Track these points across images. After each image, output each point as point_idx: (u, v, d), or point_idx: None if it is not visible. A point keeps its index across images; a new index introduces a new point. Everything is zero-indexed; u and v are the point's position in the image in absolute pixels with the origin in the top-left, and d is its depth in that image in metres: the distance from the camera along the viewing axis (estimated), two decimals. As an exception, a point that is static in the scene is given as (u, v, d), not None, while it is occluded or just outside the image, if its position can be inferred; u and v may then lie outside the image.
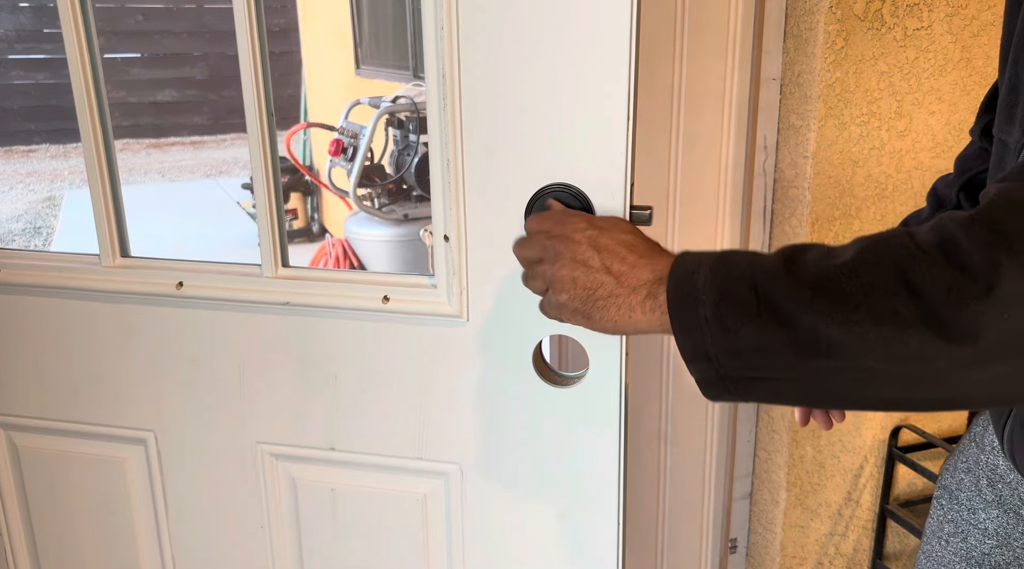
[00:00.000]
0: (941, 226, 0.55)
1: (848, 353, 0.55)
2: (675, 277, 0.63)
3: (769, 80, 1.52)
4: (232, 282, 1.00)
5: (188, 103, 8.90)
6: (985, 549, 0.88)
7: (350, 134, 3.95)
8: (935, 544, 0.95)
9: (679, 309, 0.61)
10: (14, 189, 7.27)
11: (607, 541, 0.96)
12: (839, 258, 0.57)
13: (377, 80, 4.64)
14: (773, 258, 0.60)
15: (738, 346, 0.59)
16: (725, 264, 0.61)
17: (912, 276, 0.53)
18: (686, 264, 0.63)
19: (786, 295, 0.57)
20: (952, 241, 0.53)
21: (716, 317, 0.59)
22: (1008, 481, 0.86)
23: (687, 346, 0.61)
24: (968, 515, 0.91)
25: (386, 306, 0.95)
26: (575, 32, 0.80)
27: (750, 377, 0.60)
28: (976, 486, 0.90)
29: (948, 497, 0.94)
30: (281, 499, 1.07)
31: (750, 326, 0.58)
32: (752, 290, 0.58)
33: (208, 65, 8.88)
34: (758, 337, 0.57)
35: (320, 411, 1.01)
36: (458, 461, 0.98)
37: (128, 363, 1.06)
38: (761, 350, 0.58)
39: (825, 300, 0.55)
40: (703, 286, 0.60)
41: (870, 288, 0.54)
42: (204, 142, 8.88)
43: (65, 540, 1.18)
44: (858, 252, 0.56)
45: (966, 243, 0.52)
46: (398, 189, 3.95)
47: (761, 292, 0.58)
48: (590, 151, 0.82)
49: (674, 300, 0.62)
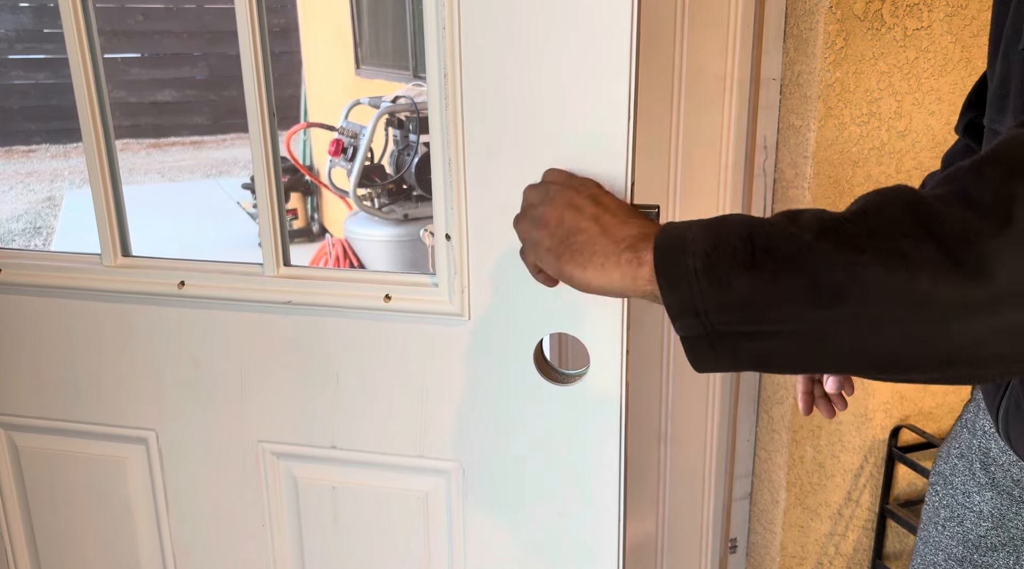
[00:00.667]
0: (949, 177, 0.53)
1: (852, 299, 0.51)
2: (665, 232, 0.59)
3: (769, 80, 1.52)
4: (234, 281, 1.00)
5: (188, 103, 8.90)
6: (981, 532, 0.89)
7: (350, 134, 3.95)
8: (931, 529, 0.96)
9: (666, 262, 0.57)
10: (14, 189, 7.27)
11: (608, 539, 0.96)
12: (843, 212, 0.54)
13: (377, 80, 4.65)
14: (773, 216, 0.57)
15: (730, 299, 0.54)
16: (719, 220, 0.58)
17: (922, 217, 0.51)
18: (678, 224, 0.60)
19: (784, 241, 0.53)
20: (961, 187, 0.51)
21: (706, 268, 0.55)
22: (1001, 463, 0.86)
23: (674, 301, 0.57)
24: (963, 499, 0.91)
25: (388, 305, 0.95)
26: (576, 32, 0.80)
27: (741, 332, 0.55)
28: (970, 470, 0.90)
29: (943, 482, 0.94)
30: (282, 498, 1.07)
31: (744, 276, 0.54)
32: (747, 239, 0.55)
33: (208, 65, 8.88)
34: (752, 288, 0.54)
35: (322, 410, 1.01)
36: (459, 459, 0.98)
37: (129, 362, 1.06)
38: (755, 302, 0.54)
39: (828, 244, 0.52)
40: (692, 238, 0.57)
41: (876, 231, 0.51)
42: (204, 142, 8.88)
43: (65, 540, 1.18)
44: (863, 203, 0.54)
45: (975, 185, 0.50)
46: (398, 189, 3.96)
47: (757, 241, 0.54)
48: (591, 150, 0.82)
49: (660, 252, 0.58)
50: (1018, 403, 0.78)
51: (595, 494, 0.95)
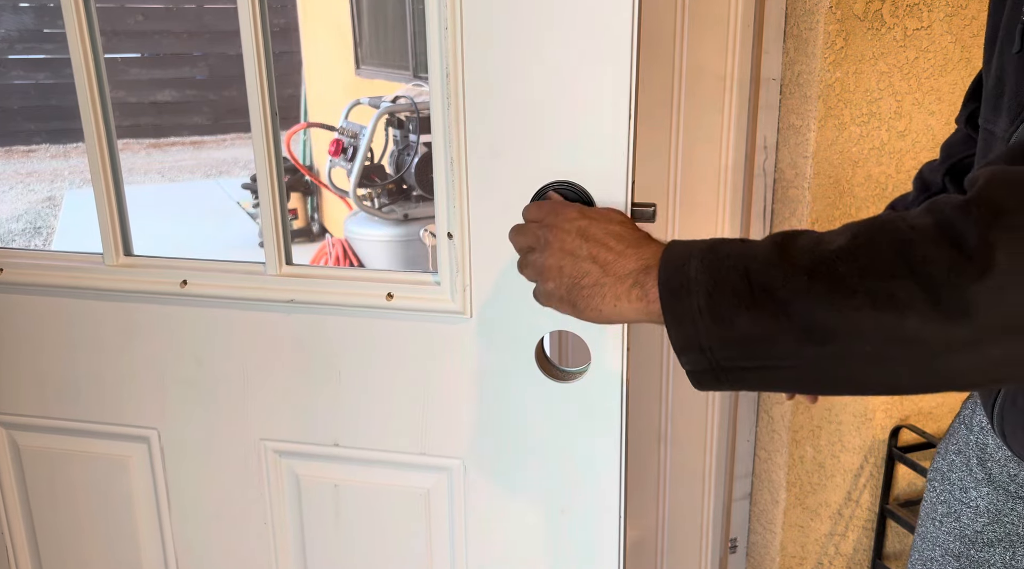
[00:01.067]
0: (935, 208, 0.55)
1: (846, 338, 0.55)
2: (666, 268, 0.62)
3: (769, 80, 1.53)
4: (236, 280, 1.00)
5: (188, 103, 8.91)
6: (977, 527, 0.89)
7: (350, 134, 3.95)
8: (929, 525, 0.96)
9: (671, 300, 0.61)
10: (14, 189, 7.27)
11: (608, 537, 0.97)
12: (833, 243, 0.56)
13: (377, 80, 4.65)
14: (765, 245, 0.59)
15: (732, 336, 0.58)
16: (716, 252, 0.61)
17: (909, 258, 0.53)
18: (676, 254, 0.63)
19: (781, 282, 0.56)
20: (947, 222, 0.53)
21: (709, 307, 0.58)
22: (997, 458, 0.87)
23: (679, 337, 0.61)
24: (960, 494, 0.92)
25: (390, 303, 0.95)
26: (577, 32, 0.80)
27: (744, 367, 0.59)
28: (967, 466, 0.91)
29: (940, 479, 0.95)
30: (284, 496, 1.07)
31: (745, 315, 0.57)
32: (745, 278, 0.58)
33: (208, 65, 8.89)
34: (753, 326, 0.57)
35: (324, 408, 1.01)
36: (461, 456, 0.99)
37: (131, 361, 1.06)
38: (756, 339, 0.57)
39: (822, 285, 0.55)
40: (695, 276, 0.60)
41: (866, 271, 0.54)
42: (204, 142, 8.88)
43: (67, 539, 1.18)
44: (852, 237, 0.56)
45: (961, 223, 0.52)
46: (398, 189, 3.96)
47: (755, 280, 0.57)
48: (592, 149, 0.83)
49: (666, 291, 0.61)
50: (1013, 400, 0.79)
51: (596, 491, 0.95)
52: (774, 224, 1.62)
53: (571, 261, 0.69)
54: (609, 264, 0.67)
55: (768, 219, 1.63)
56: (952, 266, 0.51)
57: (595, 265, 0.67)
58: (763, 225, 1.64)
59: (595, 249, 0.68)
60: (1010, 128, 0.73)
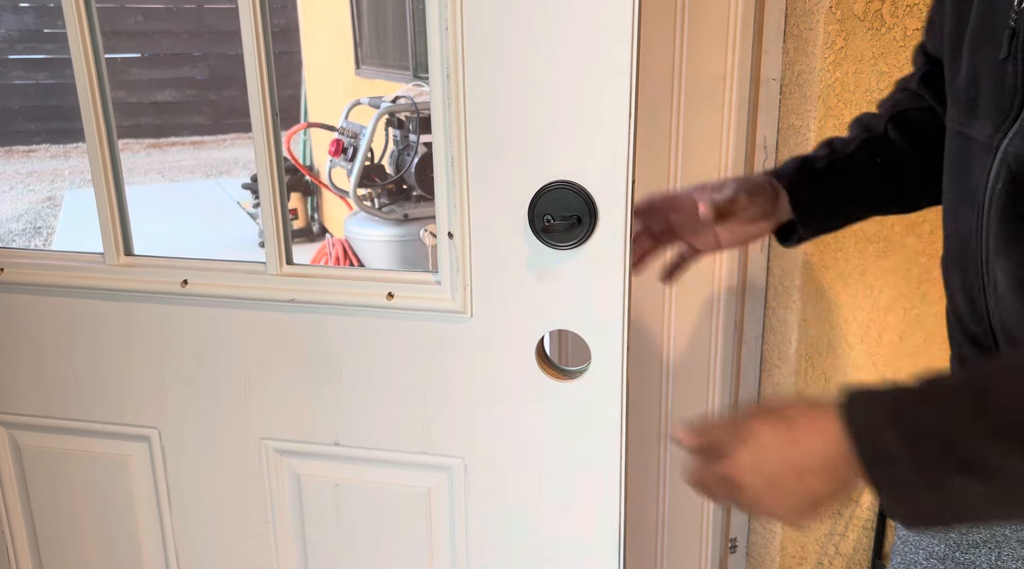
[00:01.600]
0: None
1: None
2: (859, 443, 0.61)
3: (769, 80, 1.53)
4: (237, 280, 1.00)
5: (188, 103, 8.91)
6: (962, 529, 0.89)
7: (350, 134, 3.95)
8: None
9: (874, 470, 0.60)
10: (14, 189, 7.27)
11: (608, 536, 0.97)
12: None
13: (377, 80, 4.65)
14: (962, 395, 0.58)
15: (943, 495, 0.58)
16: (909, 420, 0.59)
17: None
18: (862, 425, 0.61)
19: (990, 450, 0.56)
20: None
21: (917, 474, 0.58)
22: None
23: (889, 503, 0.60)
24: None
25: (390, 303, 0.95)
26: (577, 32, 0.80)
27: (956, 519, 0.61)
28: None
29: None
30: (285, 495, 1.07)
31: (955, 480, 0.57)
32: (950, 447, 0.57)
33: (208, 65, 8.89)
34: (964, 491, 0.57)
35: (324, 407, 1.02)
36: (462, 455, 0.99)
37: (132, 361, 1.06)
38: (967, 501, 0.58)
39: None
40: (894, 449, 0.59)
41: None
42: (204, 142, 8.88)
43: (67, 538, 1.18)
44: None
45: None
46: (398, 189, 3.96)
47: (961, 450, 0.56)
48: (592, 149, 0.83)
49: (867, 464, 0.60)
50: None
51: (596, 490, 0.95)
52: (774, 224, 1.62)
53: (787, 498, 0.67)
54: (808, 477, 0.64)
55: (768, 219, 1.63)
56: None
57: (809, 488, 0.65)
58: (763, 225, 1.64)
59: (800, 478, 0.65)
60: (996, 135, 0.72)
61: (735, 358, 1.73)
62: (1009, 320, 0.73)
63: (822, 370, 1.61)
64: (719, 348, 1.73)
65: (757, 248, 1.66)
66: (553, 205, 0.85)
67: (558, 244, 0.85)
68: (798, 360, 1.61)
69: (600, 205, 0.84)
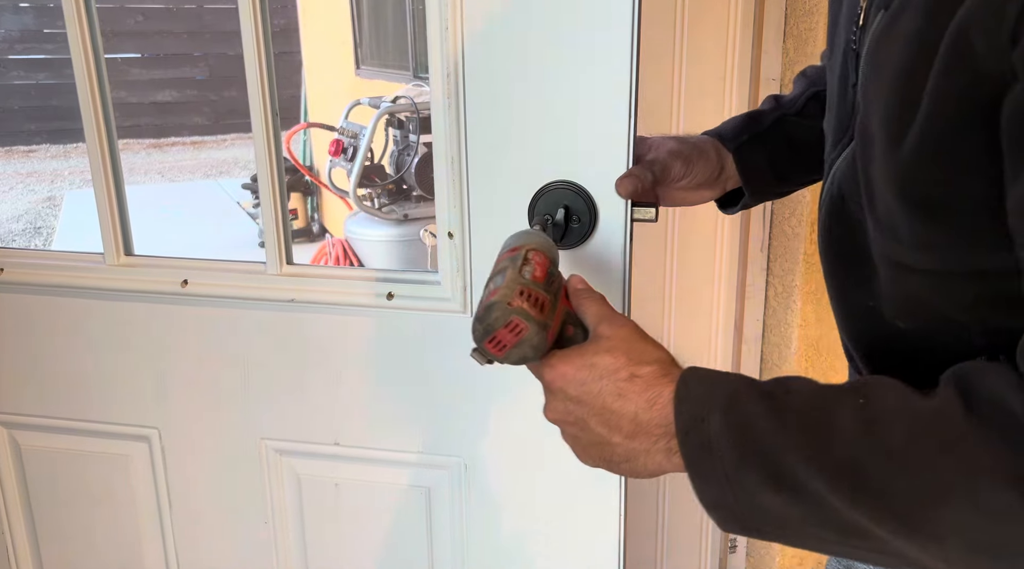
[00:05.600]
0: (994, 402, 0.48)
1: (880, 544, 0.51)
2: (683, 423, 0.57)
3: (769, 80, 1.53)
4: (237, 280, 1.00)
5: (188, 103, 8.90)
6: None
7: (350, 134, 3.95)
8: None
9: (695, 460, 0.57)
10: (14, 189, 7.27)
11: (608, 536, 0.97)
12: (884, 434, 0.51)
13: (377, 80, 4.64)
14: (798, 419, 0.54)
15: (763, 506, 0.54)
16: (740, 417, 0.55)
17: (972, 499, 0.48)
18: (693, 407, 0.57)
19: (816, 478, 0.52)
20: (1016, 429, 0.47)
21: (737, 479, 0.55)
22: None
23: (707, 496, 0.57)
24: None
25: (390, 302, 0.95)
26: (578, 31, 0.80)
27: (775, 534, 0.57)
28: None
29: None
30: (285, 494, 1.07)
31: (775, 498, 0.54)
32: (775, 463, 0.53)
33: (208, 65, 8.88)
34: (785, 510, 0.54)
35: (324, 407, 1.02)
36: (461, 455, 0.99)
37: (132, 361, 1.06)
38: (787, 520, 0.54)
39: (864, 497, 0.50)
40: (716, 439, 0.55)
41: (915, 501, 0.49)
42: (204, 142, 8.88)
43: (68, 538, 1.18)
44: (907, 438, 0.50)
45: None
46: (398, 189, 3.95)
47: (787, 470, 0.53)
48: (593, 148, 0.83)
49: (687, 450, 0.57)
50: None
51: (597, 490, 0.95)
52: (774, 224, 1.62)
53: (596, 450, 0.64)
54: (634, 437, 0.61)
55: (768, 219, 1.63)
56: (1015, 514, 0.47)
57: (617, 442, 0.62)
58: (763, 225, 1.64)
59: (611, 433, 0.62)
60: (833, 152, 0.69)
61: (735, 358, 1.73)
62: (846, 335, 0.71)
63: (822, 370, 1.61)
64: (719, 348, 1.73)
65: (757, 248, 1.66)
66: (553, 205, 0.85)
67: (558, 244, 0.85)
68: (798, 360, 1.61)
69: (600, 205, 0.84)
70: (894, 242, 0.59)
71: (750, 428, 0.55)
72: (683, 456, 0.57)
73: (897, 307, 0.62)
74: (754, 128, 0.90)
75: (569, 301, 0.69)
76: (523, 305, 0.62)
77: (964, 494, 0.48)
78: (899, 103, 0.54)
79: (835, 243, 0.69)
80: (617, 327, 0.64)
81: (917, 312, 0.60)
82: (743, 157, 0.89)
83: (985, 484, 0.47)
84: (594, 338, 0.65)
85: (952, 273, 0.56)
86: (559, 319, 0.66)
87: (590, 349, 0.63)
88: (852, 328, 0.70)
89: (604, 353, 0.62)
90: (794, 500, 0.53)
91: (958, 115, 0.50)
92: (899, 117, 0.54)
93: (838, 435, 0.52)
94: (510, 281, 0.63)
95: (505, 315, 0.62)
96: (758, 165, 0.90)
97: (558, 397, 0.65)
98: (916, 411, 0.51)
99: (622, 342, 0.63)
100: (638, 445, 0.61)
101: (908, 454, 0.50)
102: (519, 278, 0.64)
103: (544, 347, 0.63)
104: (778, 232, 1.61)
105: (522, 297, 0.62)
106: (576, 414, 0.64)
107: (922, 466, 0.49)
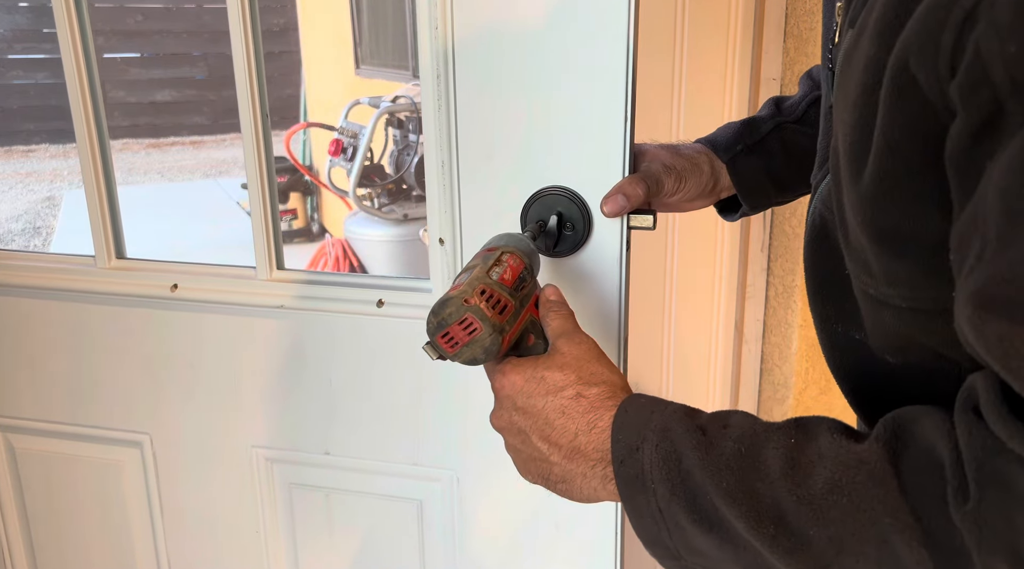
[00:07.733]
0: (919, 470, 0.46)
1: None
2: (619, 452, 0.56)
3: (769, 80, 1.51)
4: (226, 284, 0.99)
5: (187, 103, 8.89)
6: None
7: (350, 134, 3.94)
8: None
9: (629, 493, 0.56)
10: (13, 189, 7.27)
11: (605, 550, 0.95)
12: (806, 480, 0.49)
13: (377, 80, 4.64)
14: (726, 456, 0.52)
15: (695, 546, 0.54)
16: (671, 448, 0.54)
17: (885, 553, 0.47)
18: (628, 435, 0.56)
19: (740, 519, 0.50)
20: (940, 521, 0.45)
21: (671, 513, 0.53)
22: None
23: (642, 531, 0.56)
24: None
25: (381, 309, 0.94)
26: (572, 33, 0.78)
27: (682, 557, 0.55)
28: None
29: None
30: (276, 503, 1.06)
31: (707, 538, 0.52)
32: (706, 500, 0.52)
33: (207, 65, 8.87)
34: (718, 552, 0.53)
35: (315, 415, 1.00)
36: (453, 467, 0.97)
37: (124, 365, 1.05)
38: (721, 562, 0.54)
39: (784, 542, 0.49)
40: (649, 470, 0.54)
41: (831, 550, 0.48)
42: (203, 142, 8.87)
43: (62, 542, 1.17)
44: (828, 486, 0.48)
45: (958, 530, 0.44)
46: (398, 189, 3.95)
47: (716, 510, 0.51)
48: (588, 153, 0.81)
49: (621, 481, 0.56)
50: None
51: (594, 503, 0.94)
52: (774, 224, 1.61)
53: (536, 466, 0.64)
54: (573, 458, 0.60)
55: (768, 219, 1.62)
56: None
57: (555, 462, 0.61)
58: (763, 225, 1.63)
59: (551, 450, 0.61)
60: (817, 174, 0.67)
61: (735, 358, 1.72)
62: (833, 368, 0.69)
63: (822, 370, 1.60)
64: (719, 348, 1.72)
65: (757, 248, 1.65)
66: (547, 211, 0.83)
67: (552, 251, 0.83)
68: (798, 360, 1.60)
69: (595, 212, 0.82)
70: (867, 276, 0.55)
71: (679, 461, 0.53)
72: (617, 486, 0.56)
73: (886, 341, 0.58)
74: (750, 138, 0.88)
75: (538, 311, 0.68)
76: (480, 304, 0.61)
77: (876, 548, 0.47)
78: (858, 131, 0.50)
79: (819, 271, 0.66)
80: (574, 344, 0.64)
81: (906, 348, 0.56)
82: (738, 168, 0.87)
83: (898, 540, 0.46)
84: (551, 352, 0.64)
85: (924, 310, 0.52)
86: (520, 326, 0.65)
87: (543, 363, 0.63)
88: (839, 361, 0.67)
89: (556, 369, 0.62)
90: (724, 540, 0.52)
91: (909, 147, 0.47)
92: (859, 145, 0.50)
93: (764, 477, 0.50)
94: (473, 279, 0.63)
95: (460, 311, 0.61)
96: (754, 176, 0.87)
97: (505, 405, 0.64)
98: (841, 458, 0.49)
99: (575, 360, 0.62)
100: (575, 467, 0.60)
101: (826, 503, 0.48)
102: (484, 277, 0.63)
103: (496, 351, 0.62)
104: (778, 232, 1.60)
105: (482, 296, 0.61)
106: (519, 425, 0.63)
107: (838, 516, 0.48)
